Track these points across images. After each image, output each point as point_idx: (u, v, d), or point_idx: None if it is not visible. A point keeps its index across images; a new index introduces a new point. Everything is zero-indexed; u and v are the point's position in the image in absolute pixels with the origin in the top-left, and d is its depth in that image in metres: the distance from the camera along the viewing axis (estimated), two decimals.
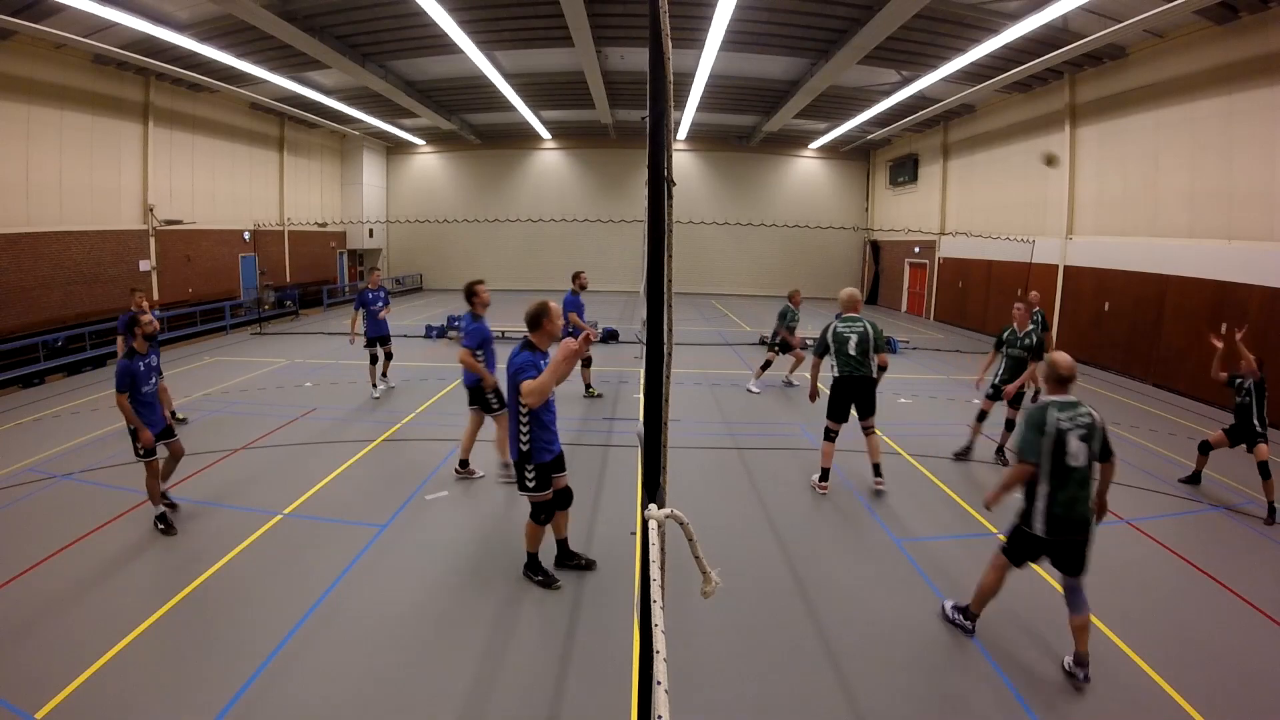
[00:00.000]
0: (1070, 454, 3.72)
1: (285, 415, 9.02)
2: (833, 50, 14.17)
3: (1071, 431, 3.73)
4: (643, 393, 2.41)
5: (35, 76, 13.01)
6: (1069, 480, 3.74)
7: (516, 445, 4.48)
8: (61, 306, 13.55)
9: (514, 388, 4.31)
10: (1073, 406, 3.82)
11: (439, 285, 29.06)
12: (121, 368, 5.32)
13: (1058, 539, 3.79)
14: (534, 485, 4.57)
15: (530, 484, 4.57)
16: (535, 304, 4.57)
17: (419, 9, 12.00)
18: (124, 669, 3.81)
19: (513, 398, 4.36)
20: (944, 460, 7.69)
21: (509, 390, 4.41)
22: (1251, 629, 4.46)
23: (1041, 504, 3.79)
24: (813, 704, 3.68)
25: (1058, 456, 3.74)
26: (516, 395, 4.29)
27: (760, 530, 5.81)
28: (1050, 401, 3.86)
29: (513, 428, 4.48)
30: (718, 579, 1.85)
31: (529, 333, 4.53)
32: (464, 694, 3.68)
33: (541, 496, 4.60)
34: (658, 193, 1.90)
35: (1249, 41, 10.70)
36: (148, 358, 5.54)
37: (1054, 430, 3.74)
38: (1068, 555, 3.84)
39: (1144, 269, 12.91)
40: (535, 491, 4.59)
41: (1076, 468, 3.74)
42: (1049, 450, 3.75)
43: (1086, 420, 3.78)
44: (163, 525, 5.57)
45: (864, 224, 28.03)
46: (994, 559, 4.13)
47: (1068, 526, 3.76)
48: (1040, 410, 3.83)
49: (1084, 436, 3.75)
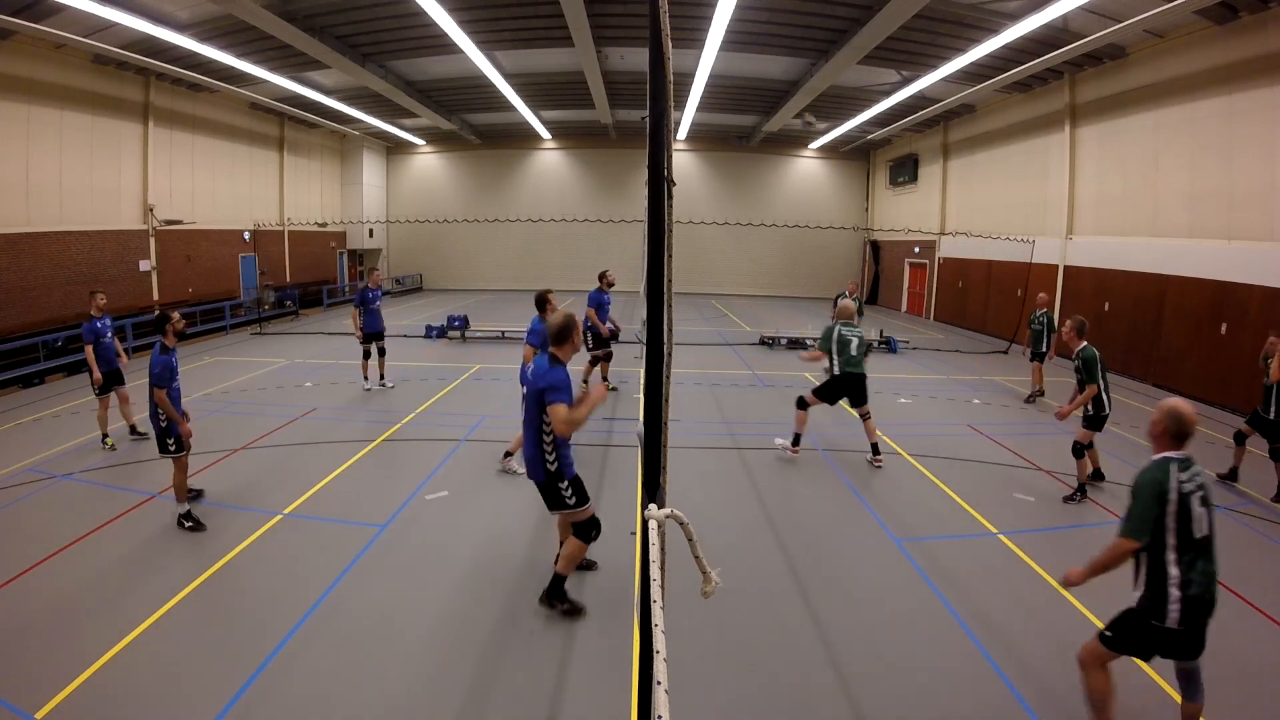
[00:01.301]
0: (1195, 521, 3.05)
1: (285, 415, 9.02)
2: (833, 50, 14.17)
3: (1194, 494, 3.06)
4: (643, 393, 2.41)
5: (35, 76, 13.01)
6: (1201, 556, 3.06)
7: (543, 467, 4.18)
8: (61, 306, 13.55)
9: (538, 404, 4.08)
10: (1190, 465, 3.13)
11: (439, 285, 29.07)
12: (162, 362, 5.50)
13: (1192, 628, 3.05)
14: (575, 501, 4.27)
15: (571, 500, 4.26)
16: (564, 316, 4.26)
17: (419, 9, 12.00)
18: (124, 669, 3.81)
19: (536, 413, 4.12)
20: (944, 460, 7.70)
21: (531, 405, 4.15)
22: (1251, 629, 4.46)
23: (1176, 589, 3.02)
24: (813, 704, 3.68)
25: (1183, 526, 3.05)
26: (540, 412, 4.08)
27: (760, 530, 5.81)
28: (1170, 459, 3.14)
29: (534, 447, 4.18)
30: (718, 579, 1.85)
31: (554, 346, 4.18)
32: (464, 694, 3.68)
33: (586, 511, 4.31)
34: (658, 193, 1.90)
35: (1249, 41, 10.70)
36: (174, 353, 5.73)
37: (1178, 498, 3.05)
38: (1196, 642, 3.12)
39: (1144, 269, 12.91)
40: (578, 507, 4.29)
41: (1205, 537, 3.07)
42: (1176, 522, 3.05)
43: (1203, 480, 3.12)
44: (190, 523, 5.58)
45: (864, 224, 28.03)
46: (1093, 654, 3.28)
47: (1204, 611, 3.05)
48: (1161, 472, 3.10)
49: (1204, 500, 3.08)
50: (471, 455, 7.58)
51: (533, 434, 4.19)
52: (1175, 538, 3.05)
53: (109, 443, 7.74)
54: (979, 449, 8.20)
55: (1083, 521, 6.15)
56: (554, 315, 4.32)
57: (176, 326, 5.74)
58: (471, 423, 8.84)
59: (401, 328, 17.06)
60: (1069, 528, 6.01)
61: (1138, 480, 3.17)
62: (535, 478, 4.28)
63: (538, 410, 4.11)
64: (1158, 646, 3.15)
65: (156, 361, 5.51)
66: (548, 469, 4.20)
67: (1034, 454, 7.98)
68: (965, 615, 4.52)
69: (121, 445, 7.80)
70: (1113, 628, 3.25)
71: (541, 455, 4.19)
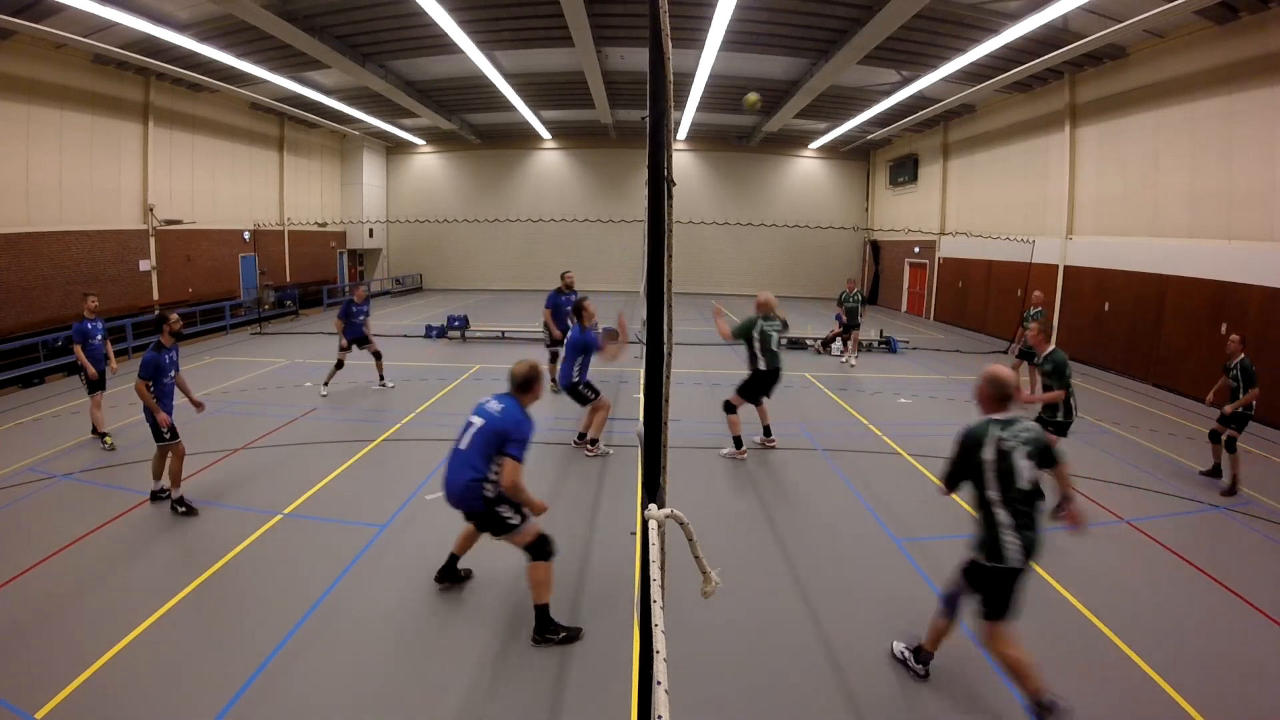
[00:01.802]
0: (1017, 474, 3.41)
1: (285, 415, 9.02)
2: (833, 50, 14.17)
3: (1015, 450, 3.41)
4: (643, 393, 2.41)
5: (35, 76, 13.01)
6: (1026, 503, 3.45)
7: (480, 496, 4.00)
8: (61, 306, 13.54)
9: (494, 445, 3.95)
10: (1013, 424, 3.50)
11: (439, 285, 29.07)
12: (148, 358, 5.86)
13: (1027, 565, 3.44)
14: (517, 521, 4.07)
15: (513, 520, 4.06)
16: (530, 366, 4.20)
17: (419, 9, 12.00)
18: (124, 669, 3.81)
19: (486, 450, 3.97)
20: (944, 460, 7.68)
21: (483, 440, 3.98)
22: (1251, 629, 4.46)
23: (1010, 535, 3.39)
24: (813, 704, 3.69)
25: (1006, 479, 3.41)
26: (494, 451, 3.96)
27: (760, 530, 5.81)
28: (991, 421, 3.50)
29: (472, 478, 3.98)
30: (718, 579, 1.85)
31: (520, 394, 4.15)
32: (464, 693, 3.68)
33: (532, 529, 4.11)
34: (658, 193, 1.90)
35: (1249, 41, 10.70)
36: (171, 352, 6.05)
37: (995, 453, 3.41)
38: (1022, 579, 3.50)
39: (1144, 269, 12.91)
40: (523, 525, 4.09)
41: (1028, 489, 3.45)
42: (998, 475, 3.41)
43: (1029, 437, 3.48)
44: (183, 508, 5.83)
45: (864, 224, 28.03)
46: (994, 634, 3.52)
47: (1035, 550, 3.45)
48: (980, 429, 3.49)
49: (1030, 453, 3.45)
50: None
51: (477, 467, 3.98)
52: (999, 490, 3.41)
53: (109, 442, 7.75)
54: None
55: None
56: (519, 364, 4.23)
57: (174, 327, 6.04)
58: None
59: (402, 328, 17.06)
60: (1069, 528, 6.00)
61: (960, 436, 3.56)
62: (473, 509, 4.08)
63: (491, 448, 3.97)
64: (1011, 586, 3.45)
65: (147, 357, 5.89)
66: (485, 497, 4.01)
67: None
68: (965, 615, 4.51)
69: (115, 444, 7.80)
70: (982, 603, 3.54)
71: (481, 488, 3.99)
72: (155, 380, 5.87)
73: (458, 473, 4.03)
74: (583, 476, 7.01)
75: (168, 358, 5.98)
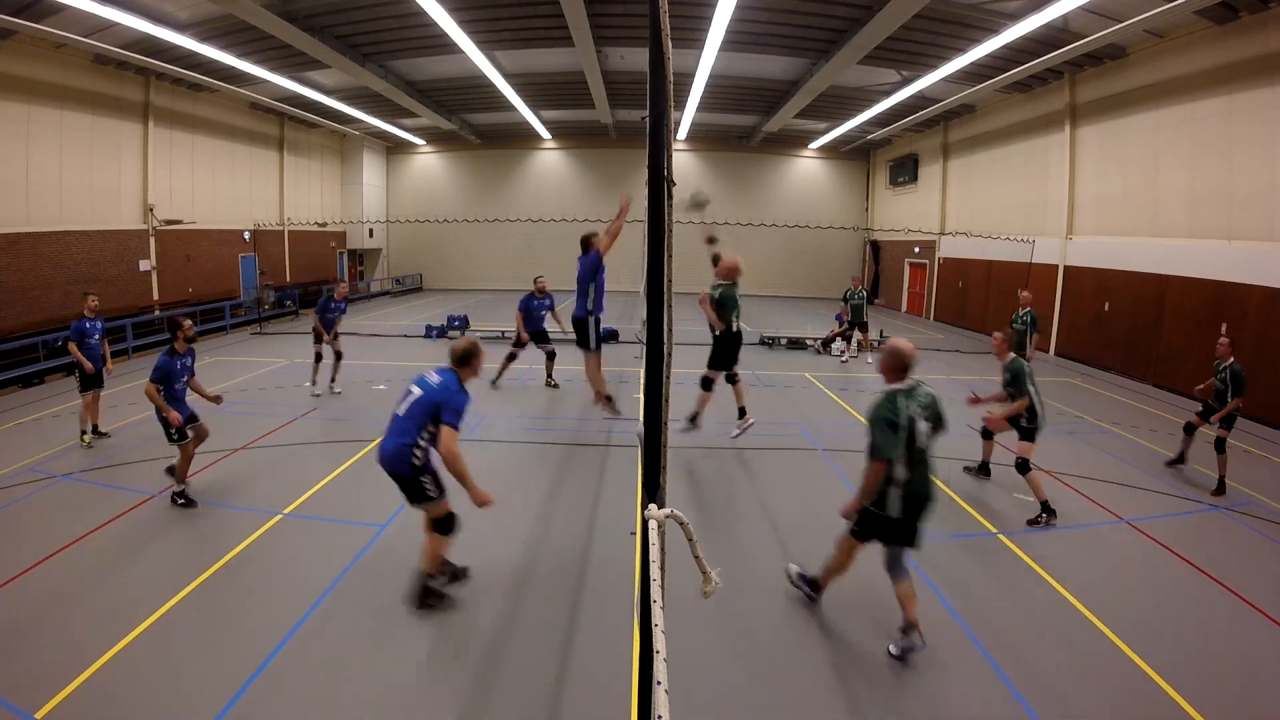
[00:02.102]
0: (918, 436, 3.88)
1: (285, 415, 9.01)
2: (833, 50, 14.17)
3: (919, 417, 3.90)
4: (643, 393, 2.41)
5: (35, 76, 13.01)
6: (920, 463, 3.91)
7: (409, 463, 4.23)
8: (61, 306, 13.54)
9: (429, 415, 4.19)
10: (915, 391, 3.98)
11: (439, 285, 29.06)
12: (161, 362, 6.01)
13: (911, 519, 3.94)
14: (436, 494, 4.36)
15: (432, 493, 4.33)
16: (470, 342, 4.51)
17: (419, 9, 12.00)
18: (124, 668, 3.81)
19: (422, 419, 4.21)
20: (944, 460, 7.67)
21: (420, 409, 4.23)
22: (1252, 629, 4.46)
23: (897, 489, 3.88)
24: (812, 704, 3.69)
25: (910, 441, 3.86)
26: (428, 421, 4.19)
27: (760, 530, 5.81)
28: (895, 391, 3.95)
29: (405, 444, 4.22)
30: (718, 579, 1.85)
31: (459, 368, 4.41)
32: (464, 693, 3.68)
33: (445, 505, 4.40)
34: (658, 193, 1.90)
35: (1249, 41, 10.70)
36: (185, 358, 6.20)
37: (906, 420, 3.86)
38: (912, 532, 3.99)
39: (1144, 269, 12.91)
40: (440, 499, 4.38)
41: (924, 449, 3.92)
42: (903, 439, 3.85)
43: (928, 400, 3.97)
44: (183, 500, 5.99)
45: (864, 224, 28.01)
46: (843, 541, 4.27)
47: (921, 506, 3.94)
48: (889, 404, 3.91)
49: (928, 416, 3.93)
50: (471, 455, 7.57)
51: (410, 432, 4.22)
52: (903, 449, 3.86)
53: (86, 439, 7.81)
54: (979, 449, 8.19)
55: (1083, 522, 6.15)
56: (460, 340, 4.55)
57: (187, 333, 6.19)
58: (471, 423, 8.82)
59: (402, 327, 17.06)
60: (1069, 528, 6.01)
61: (872, 413, 3.96)
62: (399, 472, 4.29)
63: (426, 417, 4.20)
64: (884, 533, 4.05)
65: (160, 361, 6.01)
66: (414, 464, 4.25)
67: (1033, 454, 7.95)
68: (965, 615, 4.52)
69: (112, 442, 7.79)
70: (854, 526, 4.17)
71: (410, 452, 4.22)
72: (166, 386, 6.00)
73: (392, 437, 4.28)
74: (583, 476, 7.01)
75: (180, 363, 6.13)
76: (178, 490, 6.05)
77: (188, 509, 5.97)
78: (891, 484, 3.87)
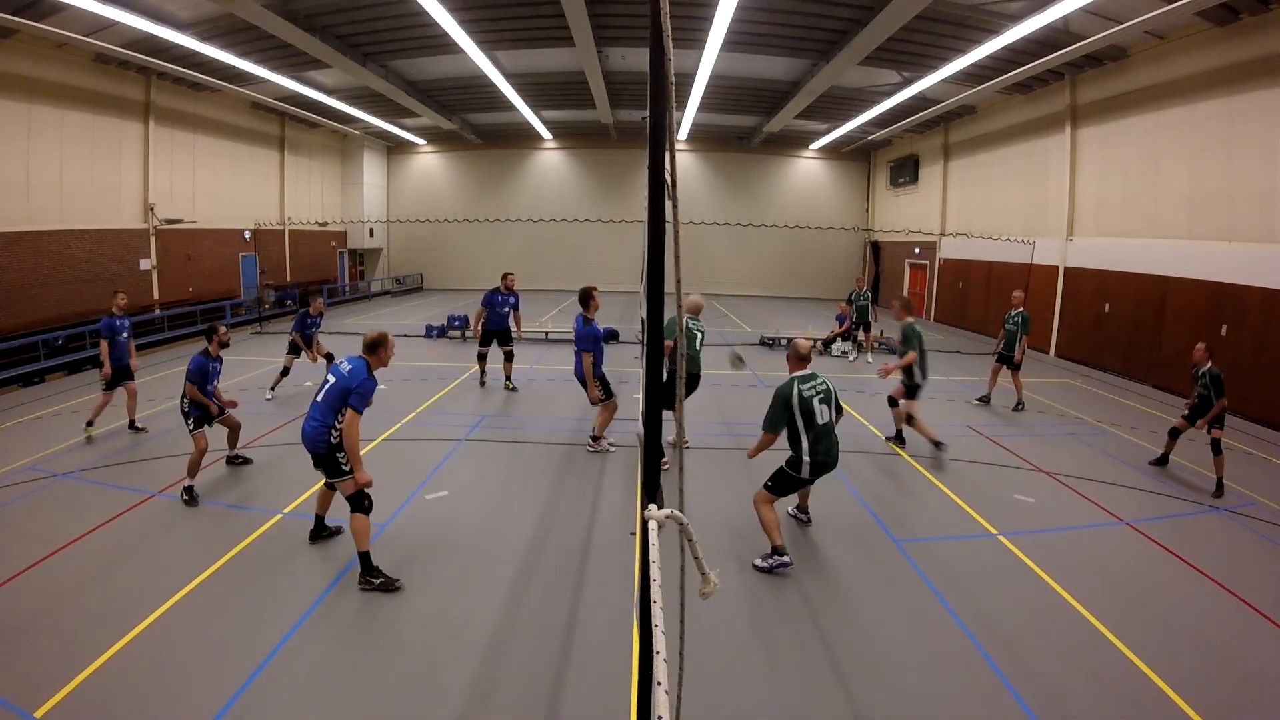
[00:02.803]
0: (817, 413, 4.93)
1: (285, 415, 9.02)
2: (834, 51, 14.16)
3: (814, 398, 4.93)
4: (643, 393, 2.41)
5: (36, 75, 13.00)
6: (824, 437, 4.96)
7: (326, 442, 4.72)
8: (62, 305, 13.55)
9: (340, 399, 4.65)
10: (813, 378, 5.03)
11: (439, 285, 29.06)
12: (199, 363, 6.36)
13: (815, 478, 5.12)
14: (349, 468, 4.75)
15: (346, 468, 4.75)
16: (379, 334, 4.90)
17: (420, 9, 12.00)
18: (124, 668, 3.81)
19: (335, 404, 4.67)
20: (943, 460, 7.69)
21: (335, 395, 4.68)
22: (1252, 630, 4.46)
23: (807, 456, 4.94)
24: (812, 704, 3.68)
25: (809, 418, 4.91)
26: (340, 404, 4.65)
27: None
28: (795, 377, 5.00)
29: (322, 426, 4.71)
30: (717, 579, 1.85)
31: (368, 355, 4.82)
32: (464, 693, 3.68)
33: (365, 481, 4.77)
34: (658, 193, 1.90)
35: (1249, 43, 10.70)
36: (216, 362, 6.55)
37: (799, 400, 4.90)
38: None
39: (1144, 270, 12.90)
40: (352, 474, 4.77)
41: (826, 423, 4.98)
42: (803, 416, 4.91)
43: (824, 388, 5.03)
44: (187, 497, 6.11)
45: (865, 225, 28.01)
46: (762, 497, 5.14)
47: (826, 468, 5.06)
48: (787, 386, 4.95)
49: (824, 399, 4.99)
50: (471, 455, 7.59)
51: (326, 417, 4.71)
52: (804, 425, 4.93)
53: (89, 432, 7.96)
54: (979, 450, 8.20)
55: (1082, 523, 6.15)
56: (370, 332, 4.93)
57: (223, 339, 6.56)
58: (471, 422, 8.84)
59: (402, 327, 17.06)
60: (1068, 529, 6.01)
61: (775, 393, 5.00)
62: (316, 450, 4.78)
63: (339, 402, 4.68)
64: (795, 487, 5.17)
65: (196, 362, 6.38)
66: (330, 443, 4.74)
67: (1034, 455, 7.98)
68: (965, 616, 4.52)
69: (112, 441, 7.80)
70: (772, 480, 5.15)
71: (327, 433, 4.73)
72: (200, 386, 6.35)
73: (312, 420, 4.77)
74: (583, 476, 7.01)
75: (213, 366, 6.49)
76: (187, 485, 6.17)
77: (190, 507, 6.00)
78: (802, 450, 4.94)
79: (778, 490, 5.10)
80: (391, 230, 28.71)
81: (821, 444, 4.93)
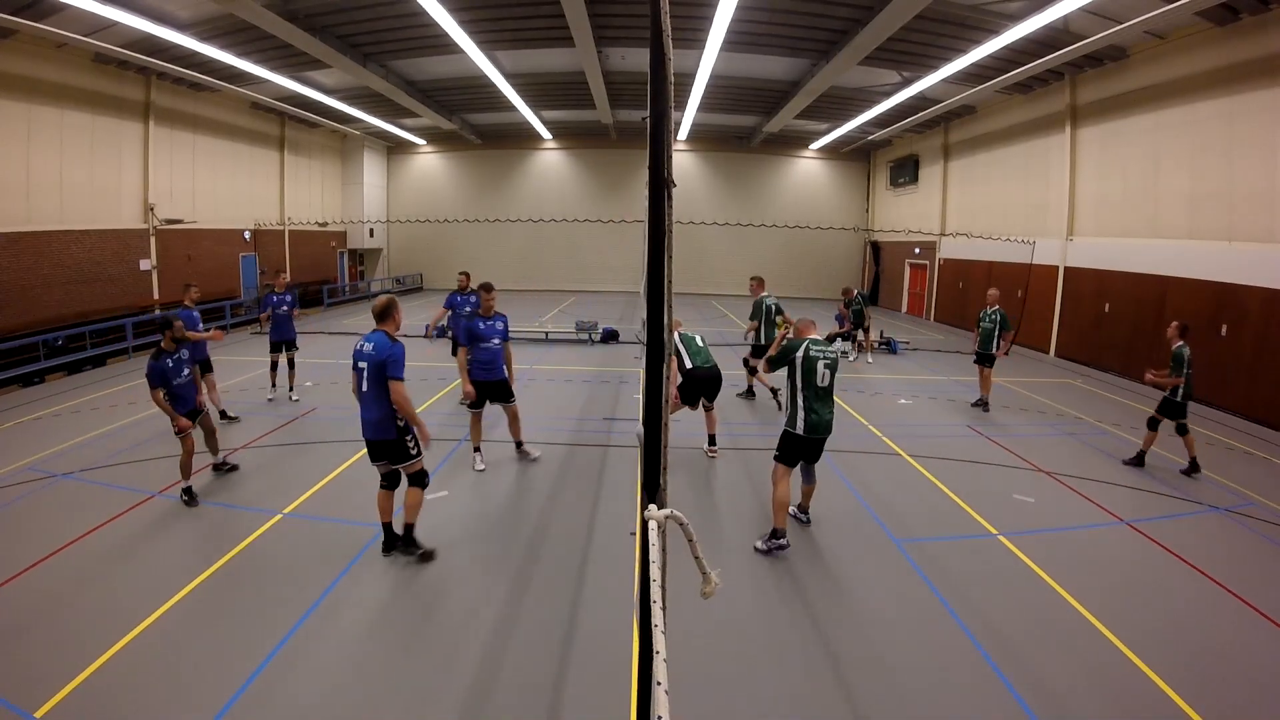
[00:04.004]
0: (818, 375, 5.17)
1: (285, 415, 9.02)
2: (833, 51, 14.16)
3: (820, 359, 5.19)
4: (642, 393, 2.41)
5: (36, 75, 13.00)
6: (823, 398, 5.23)
7: (393, 425, 4.76)
8: (62, 305, 13.55)
9: (380, 378, 4.66)
10: (825, 344, 5.30)
11: (439, 285, 29.04)
12: (150, 366, 5.99)
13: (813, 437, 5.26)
14: (416, 451, 4.90)
15: (414, 451, 4.88)
16: (388, 298, 4.99)
17: (420, 9, 12.00)
18: (124, 668, 3.81)
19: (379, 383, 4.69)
20: (944, 461, 7.69)
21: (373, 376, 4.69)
22: (1254, 632, 4.46)
23: (801, 412, 5.22)
24: (812, 704, 3.68)
25: (808, 375, 5.16)
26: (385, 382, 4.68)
27: (760, 530, 5.80)
28: (809, 338, 5.33)
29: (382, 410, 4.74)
30: (717, 579, 1.85)
31: (382, 323, 4.88)
32: (464, 693, 3.68)
33: (421, 460, 4.92)
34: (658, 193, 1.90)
35: (1249, 43, 10.70)
36: (174, 355, 6.12)
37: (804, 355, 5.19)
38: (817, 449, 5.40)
39: (1144, 270, 12.90)
40: (419, 456, 4.94)
41: (825, 387, 5.22)
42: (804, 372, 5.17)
43: (833, 357, 5.25)
44: (187, 497, 6.08)
45: (864, 225, 28.01)
46: (776, 473, 5.36)
47: (818, 430, 5.23)
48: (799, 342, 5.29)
49: (828, 365, 5.21)
50: (471, 454, 7.58)
51: (382, 399, 4.71)
52: (803, 382, 5.21)
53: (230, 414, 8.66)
54: (979, 450, 8.19)
55: (1082, 523, 6.15)
56: (377, 299, 5.02)
57: (176, 333, 6.17)
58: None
59: (402, 327, 17.00)
60: (1069, 529, 6.01)
61: (786, 343, 5.38)
62: (385, 436, 4.80)
63: (382, 380, 4.68)
64: (798, 450, 5.35)
65: (149, 368, 6.00)
66: (398, 426, 4.77)
67: (1034, 455, 7.98)
68: (965, 616, 4.52)
69: (113, 441, 7.79)
70: (778, 448, 5.42)
71: (392, 416, 4.74)
72: (166, 387, 6.02)
73: (371, 410, 4.77)
74: (583, 476, 7.01)
75: (170, 361, 6.06)
76: (184, 487, 6.13)
77: (190, 506, 6.00)
78: (798, 409, 5.22)
79: (785, 457, 5.35)
80: (391, 230, 28.71)
81: (815, 405, 5.19)
